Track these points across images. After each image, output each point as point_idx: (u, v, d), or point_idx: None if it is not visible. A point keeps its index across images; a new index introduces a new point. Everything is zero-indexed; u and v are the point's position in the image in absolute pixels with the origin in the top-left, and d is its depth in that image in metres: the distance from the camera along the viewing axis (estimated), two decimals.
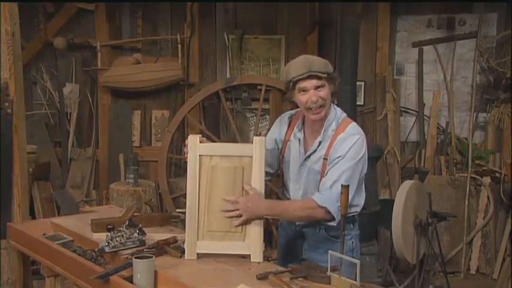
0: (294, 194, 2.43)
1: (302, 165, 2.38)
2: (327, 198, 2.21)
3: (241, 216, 2.21)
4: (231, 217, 2.23)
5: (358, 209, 2.42)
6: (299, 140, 2.41)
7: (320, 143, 2.34)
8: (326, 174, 2.28)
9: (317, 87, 2.26)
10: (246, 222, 2.22)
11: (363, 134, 2.34)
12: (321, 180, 2.30)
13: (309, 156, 2.36)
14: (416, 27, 5.08)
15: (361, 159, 2.28)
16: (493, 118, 4.87)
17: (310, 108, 2.27)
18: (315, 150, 2.35)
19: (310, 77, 2.24)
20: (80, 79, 5.46)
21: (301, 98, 2.28)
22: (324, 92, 2.27)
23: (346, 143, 2.26)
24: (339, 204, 2.14)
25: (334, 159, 2.26)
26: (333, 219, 2.24)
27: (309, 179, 2.36)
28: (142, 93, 5.31)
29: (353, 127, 2.34)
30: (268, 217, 2.23)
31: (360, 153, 2.27)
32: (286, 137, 2.47)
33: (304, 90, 2.26)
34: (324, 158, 2.31)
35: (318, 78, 2.25)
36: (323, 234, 2.39)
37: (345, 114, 2.39)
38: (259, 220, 2.23)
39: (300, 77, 2.24)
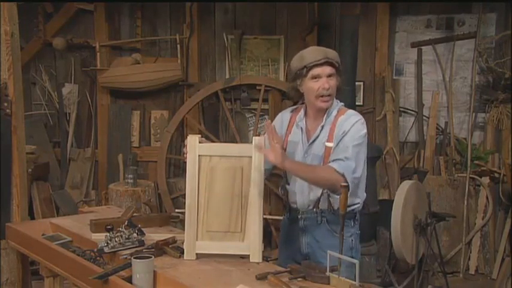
0: (300, 184, 2.41)
1: (306, 153, 2.40)
2: (345, 166, 2.22)
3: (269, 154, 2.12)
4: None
5: (359, 204, 2.42)
6: (301, 128, 2.43)
7: (322, 127, 2.37)
8: (333, 151, 2.30)
9: (329, 76, 2.31)
10: (246, 219, 2.23)
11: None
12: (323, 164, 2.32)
13: (313, 142, 2.39)
14: (415, 27, 5.08)
15: (365, 138, 2.32)
16: (492, 118, 4.87)
17: (321, 96, 2.32)
18: (318, 136, 2.38)
19: (326, 63, 2.30)
20: (79, 79, 5.46)
21: (313, 85, 2.32)
22: (334, 82, 2.34)
23: (349, 121, 2.32)
24: (354, 176, 2.22)
25: (339, 136, 2.30)
26: (347, 188, 2.18)
27: None
28: (141, 94, 5.31)
29: (353, 111, 2.41)
30: (292, 174, 2.25)
31: (362, 131, 2.31)
32: (287, 131, 2.48)
33: (318, 76, 2.31)
34: (326, 143, 2.33)
35: (332, 66, 2.31)
36: (325, 227, 2.40)
37: (342, 103, 2.46)
38: (259, 220, 2.23)
39: (317, 62, 2.29)
